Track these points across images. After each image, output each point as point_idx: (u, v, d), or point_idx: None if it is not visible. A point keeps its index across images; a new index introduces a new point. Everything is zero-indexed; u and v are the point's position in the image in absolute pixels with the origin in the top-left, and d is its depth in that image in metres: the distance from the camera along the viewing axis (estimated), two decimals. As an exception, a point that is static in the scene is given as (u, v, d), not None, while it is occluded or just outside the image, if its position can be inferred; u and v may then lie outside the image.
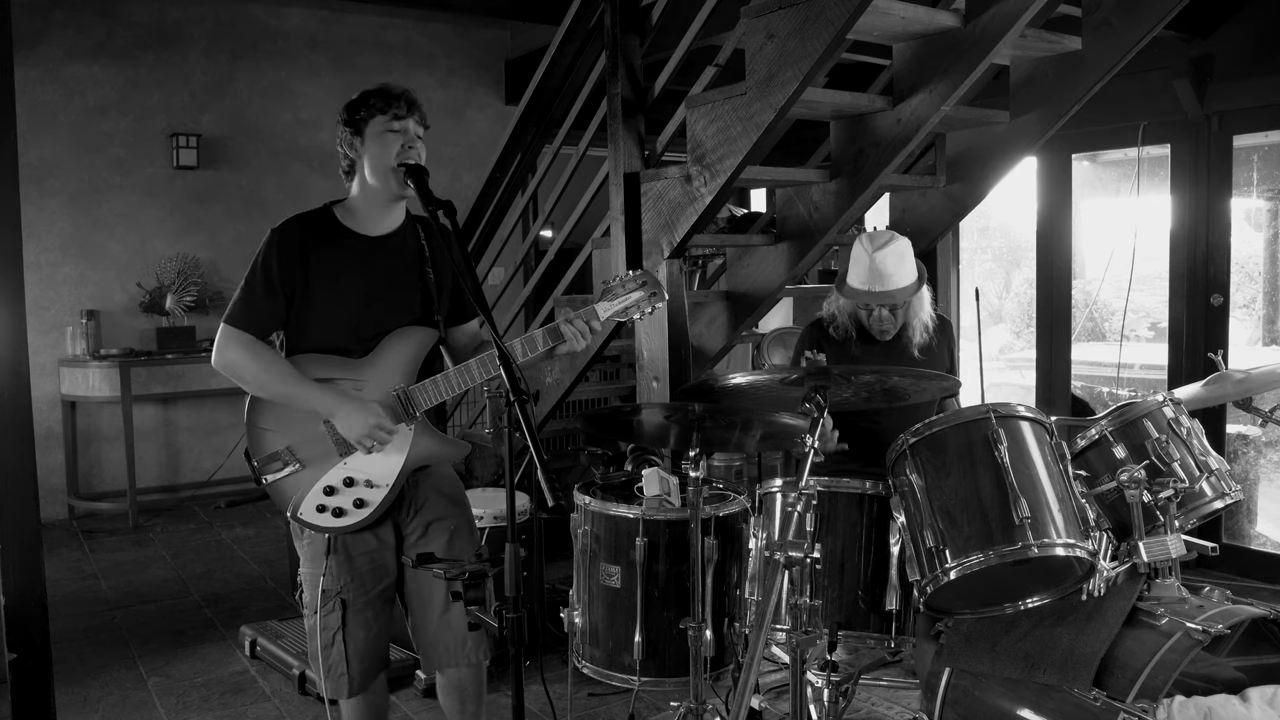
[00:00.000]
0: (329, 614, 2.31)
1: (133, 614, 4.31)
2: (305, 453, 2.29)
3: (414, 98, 2.33)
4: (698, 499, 2.42)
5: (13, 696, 2.77)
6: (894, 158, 3.43)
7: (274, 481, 2.29)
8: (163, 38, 6.29)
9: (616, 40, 3.54)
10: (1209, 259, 4.52)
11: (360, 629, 2.32)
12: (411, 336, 2.34)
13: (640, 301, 2.31)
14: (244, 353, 2.25)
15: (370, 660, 2.36)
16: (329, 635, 2.31)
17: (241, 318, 2.27)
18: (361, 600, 2.32)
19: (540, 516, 3.51)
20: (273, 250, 2.26)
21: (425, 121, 2.35)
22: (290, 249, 2.27)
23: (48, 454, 5.66)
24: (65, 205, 6.05)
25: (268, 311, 2.28)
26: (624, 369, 4.85)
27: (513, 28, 7.28)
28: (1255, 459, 4.87)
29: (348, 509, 2.27)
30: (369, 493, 2.28)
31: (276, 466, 2.29)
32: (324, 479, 2.28)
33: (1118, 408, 2.60)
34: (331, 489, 2.28)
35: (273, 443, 2.30)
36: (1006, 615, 2.34)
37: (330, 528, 2.28)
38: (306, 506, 2.28)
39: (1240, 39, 4.34)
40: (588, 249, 4.04)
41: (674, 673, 2.52)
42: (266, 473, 2.29)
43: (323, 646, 2.32)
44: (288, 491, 2.29)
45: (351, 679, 2.33)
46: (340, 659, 2.32)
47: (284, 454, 2.29)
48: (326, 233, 2.32)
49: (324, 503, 2.28)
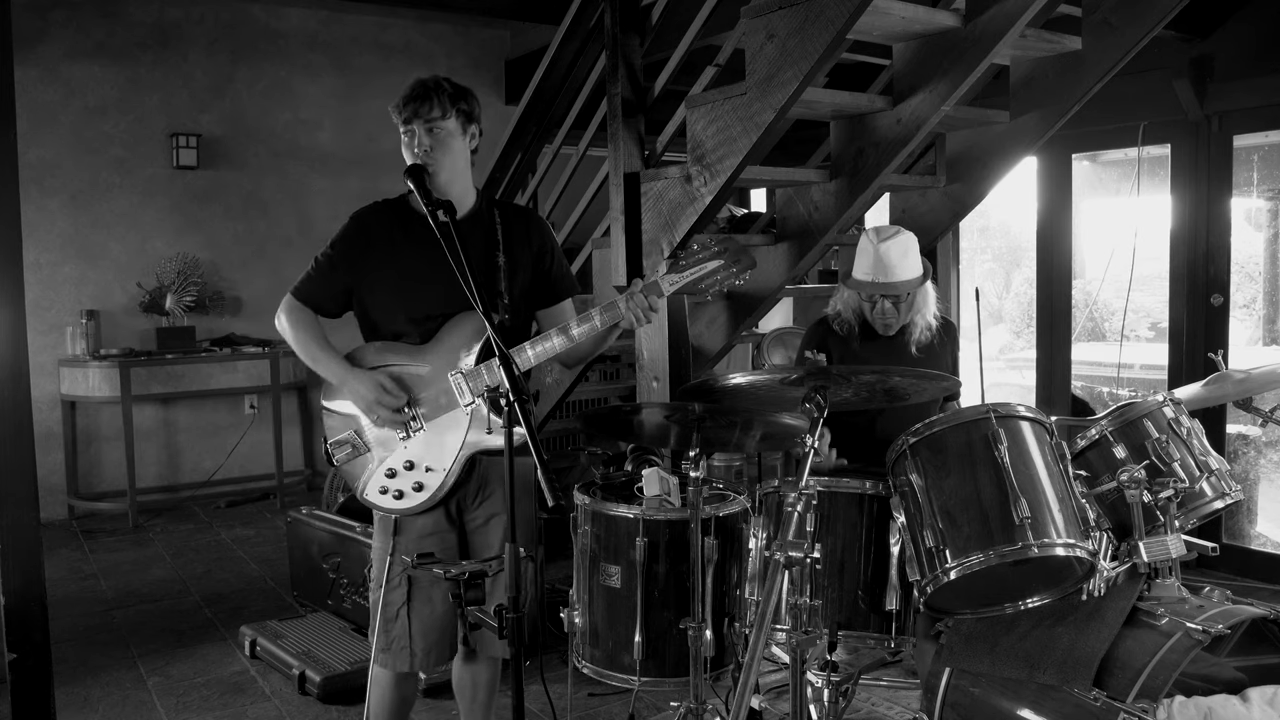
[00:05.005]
0: (394, 589, 2.36)
1: (133, 614, 4.31)
2: (370, 435, 2.36)
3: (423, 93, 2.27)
4: (698, 499, 2.42)
5: (13, 696, 2.77)
6: (894, 158, 3.43)
7: (343, 463, 2.38)
8: (163, 38, 6.29)
9: (616, 40, 3.54)
10: (1209, 259, 4.52)
11: (425, 606, 2.37)
12: (470, 322, 2.32)
13: (719, 271, 2.02)
14: (288, 319, 2.40)
15: (435, 639, 2.40)
16: (393, 610, 2.36)
17: (301, 289, 2.41)
18: (428, 579, 2.34)
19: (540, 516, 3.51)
20: (345, 231, 2.39)
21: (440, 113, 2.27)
22: (359, 233, 2.37)
23: (48, 454, 5.66)
24: (65, 205, 6.05)
25: (325, 288, 2.39)
26: (624, 369, 4.85)
27: (513, 28, 7.28)
28: (1255, 459, 4.87)
29: (407, 492, 2.32)
30: (427, 477, 2.32)
31: (347, 450, 2.37)
32: (387, 462, 2.34)
33: (1118, 408, 2.60)
34: (393, 472, 2.34)
35: (341, 426, 2.38)
36: (1006, 615, 2.33)
37: (392, 509, 2.35)
38: (370, 488, 2.36)
39: (1240, 39, 4.34)
40: (588, 249, 4.04)
41: (674, 673, 2.52)
42: (337, 456, 2.37)
43: (385, 620, 2.37)
44: (355, 473, 2.38)
45: (414, 653, 2.37)
46: (404, 632, 2.36)
47: (351, 437, 2.37)
48: (397, 219, 2.38)
49: (386, 485, 2.34)
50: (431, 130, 2.27)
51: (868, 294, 3.00)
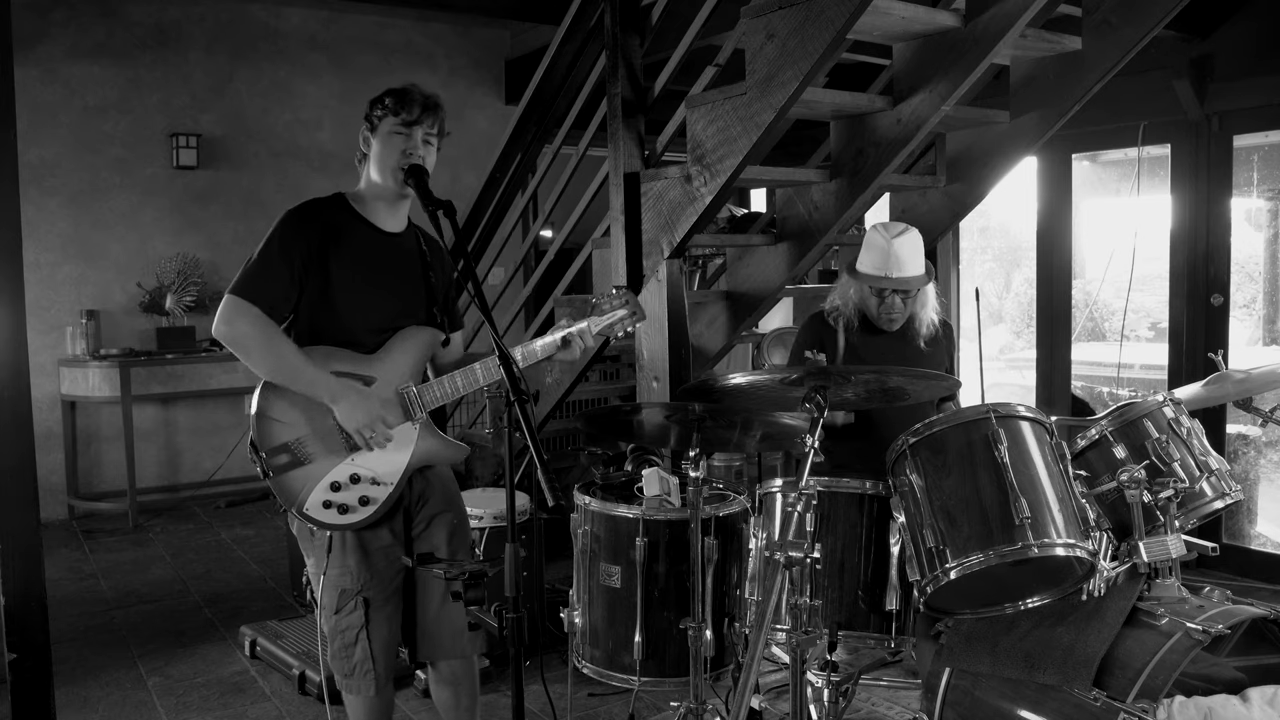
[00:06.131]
0: (350, 614, 2.29)
1: (133, 614, 4.31)
2: (313, 447, 2.24)
3: (434, 104, 2.30)
4: (698, 499, 2.42)
5: (13, 696, 2.76)
6: (894, 158, 3.44)
7: (280, 475, 2.22)
8: (163, 38, 6.29)
9: (616, 40, 3.54)
10: (1209, 259, 4.52)
11: (383, 625, 2.32)
12: (420, 336, 2.35)
13: (624, 319, 2.41)
14: (253, 326, 2.17)
15: (391, 655, 2.37)
16: (352, 634, 2.30)
17: (251, 289, 2.18)
18: (381, 597, 2.31)
19: (540, 516, 3.51)
20: (290, 227, 2.22)
21: (441, 129, 2.32)
22: (310, 228, 2.23)
23: (48, 454, 5.66)
24: (65, 205, 6.05)
25: (279, 287, 2.20)
26: (624, 369, 4.85)
27: (513, 28, 7.28)
28: (1255, 459, 4.87)
29: (353, 506, 2.25)
30: (374, 490, 2.26)
31: (283, 460, 2.21)
32: (331, 474, 2.23)
33: (1118, 408, 2.60)
34: (338, 485, 2.24)
35: (281, 434, 2.23)
36: (1007, 615, 2.34)
37: (336, 525, 2.25)
38: (313, 502, 2.23)
39: (1240, 39, 4.34)
40: (588, 249, 4.04)
41: (674, 673, 2.52)
42: (272, 465, 2.21)
43: (344, 646, 2.31)
44: (294, 486, 2.22)
45: (378, 675, 2.32)
46: (365, 656, 2.30)
47: (292, 446, 2.22)
48: (345, 219, 2.30)
49: (330, 499, 2.23)
50: (428, 141, 2.30)
51: (878, 288, 3.00)
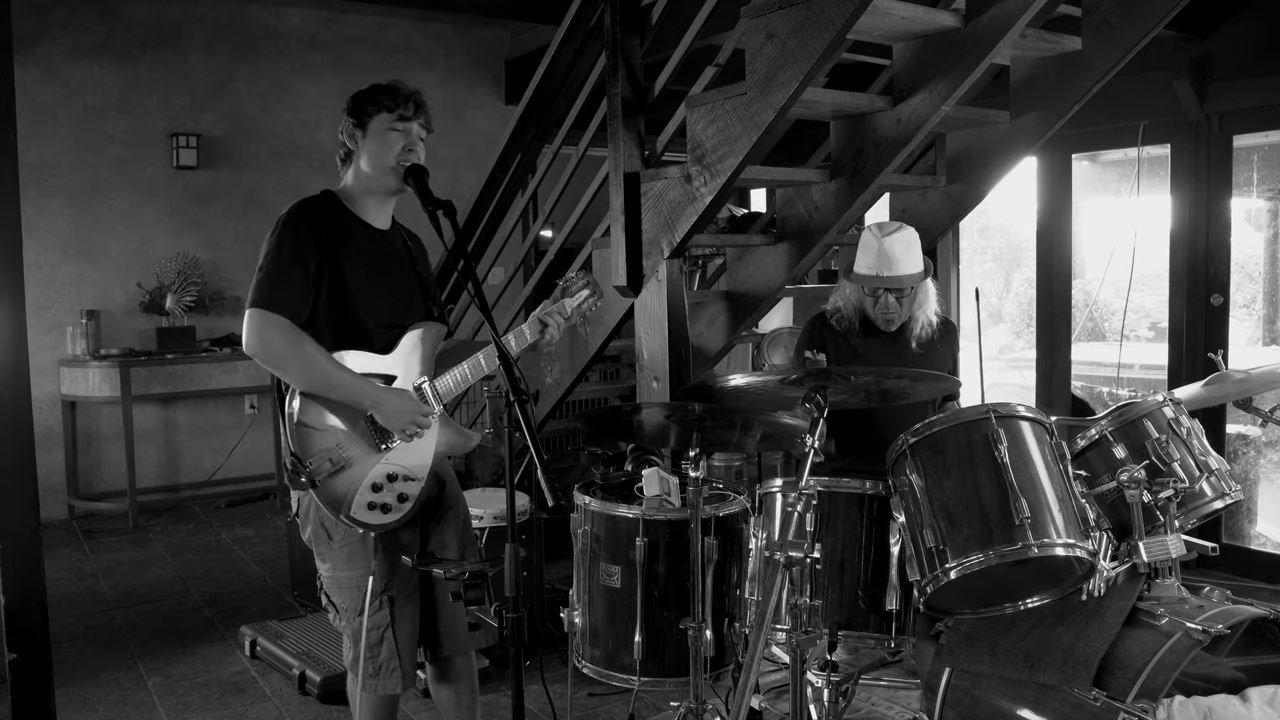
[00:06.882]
0: (376, 612, 2.28)
1: (133, 614, 4.31)
2: (350, 451, 2.22)
3: (423, 100, 2.32)
4: (698, 499, 2.42)
5: (13, 696, 2.76)
6: (894, 158, 3.43)
7: (325, 482, 2.19)
8: (163, 38, 6.29)
9: (616, 40, 3.54)
10: (1209, 259, 4.52)
11: (406, 622, 2.33)
12: (429, 331, 2.36)
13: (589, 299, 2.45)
14: (285, 338, 2.12)
15: (414, 652, 2.37)
16: (378, 634, 2.29)
17: (273, 300, 2.13)
18: (404, 595, 2.32)
19: (540, 516, 3.51)
20: (297, 228, 2.18)
21: (430, 125, 2.34)
22: (316, 228, 2.20)
23: (48, 454, 5.66)
24: (65, 205, 6.05)
25: (298, 292, 2.16)
26: (624, 369, 4.85)
27: (513, 28, 7.28)
28: (1255, 459, 4.87)
29: (393, 504, 2.25)
30: (408, 486, 2.27)
31: (326, 468, 2.19)
32: (370, 475, 2.23)
33: (1118, 408, 2.60)
34: (378, 485, 2.23)
35: (321, 441, 2.20)
36: (1006, 615, 2.34)
37: (380, 524, 2.24)
38: (358, 505, 2.21)
39: (1240, 39, 4.34)
40: (588, 249, 4.03)
41: (674, 673, 2.52)
42: (318, 474, 2.18)
43: (370, 645, 2.29)
44: (338, 492, 2.20)
45: (405, 673, 2.32)
46: (392, 654, 2.30)
47: (332, 452, 2.20)
48: (343, 218, 2.29)
49: (373, 500, 2.22)
50: (420, 138, 2.31)
51: (871, 288, 3.00)
